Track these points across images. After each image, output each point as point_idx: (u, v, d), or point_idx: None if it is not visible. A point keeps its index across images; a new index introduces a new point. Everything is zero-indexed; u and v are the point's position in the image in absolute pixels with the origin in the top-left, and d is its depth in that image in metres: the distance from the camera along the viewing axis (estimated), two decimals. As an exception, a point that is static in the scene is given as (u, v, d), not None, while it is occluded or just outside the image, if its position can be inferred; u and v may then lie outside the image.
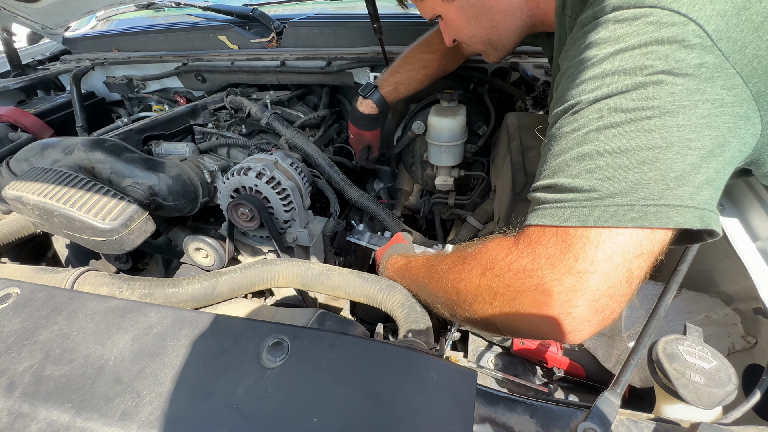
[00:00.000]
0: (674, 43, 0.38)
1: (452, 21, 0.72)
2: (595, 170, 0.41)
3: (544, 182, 0.46)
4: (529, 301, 0.44)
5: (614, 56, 0.41)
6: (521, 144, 0.90)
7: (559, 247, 0.43)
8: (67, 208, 0.76)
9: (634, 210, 0.40)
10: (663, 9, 0.38)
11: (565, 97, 0.45)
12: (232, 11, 1.49)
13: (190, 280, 0.65)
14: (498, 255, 0.48)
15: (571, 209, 0.42)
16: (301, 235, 1.00)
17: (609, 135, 0.41)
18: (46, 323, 0.51)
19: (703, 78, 0.38)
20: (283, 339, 0.45)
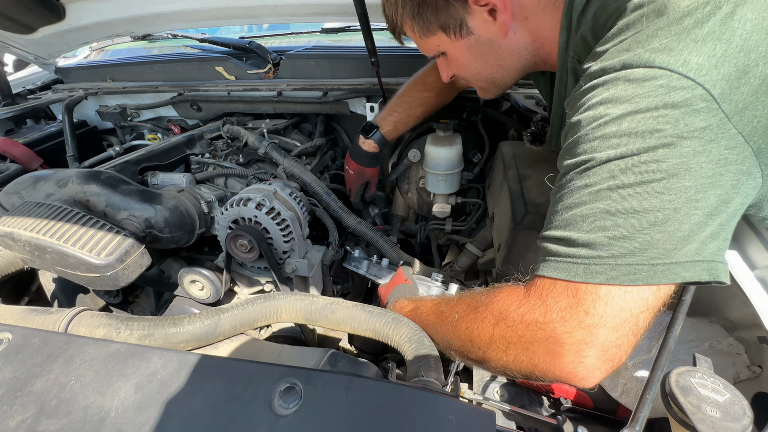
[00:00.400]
0: (683, 107, 0.40)
1: (457, 58, 0.71)
2: (607, 229, 0.43)
3: (556, 233, 0.48)
4: (542, 351, 0.47)
5: (627, 117, 0.42)
6: (518, 173, 0.92)
7: (570, 301, 0.45)
8: (60, 244, 0.74)
9: (645, 269, 0.42)
10: (672, 72, 0.41)
11: (576, 150, 0.47)
12: (229, 43, 1.52)
13: (191, 318, 0.63)
14: (510, 306, 0.50)
15: (583, 266, 0.45)
16: (300, 265, 0.99)
17: (621, 195, 0.43)
18: (41, 371, 0.48)
19: (708, 140, 0.41)
20: (295, 383, 0.44)
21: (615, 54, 0.46)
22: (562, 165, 0.50)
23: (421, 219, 1.49)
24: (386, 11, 0.71)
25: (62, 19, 1.36)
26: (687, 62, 0.41)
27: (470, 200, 1.26)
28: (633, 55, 0.43)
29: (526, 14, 0.61)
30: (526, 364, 0.49)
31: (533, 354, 0.48)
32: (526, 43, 0.65)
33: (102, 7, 1.31)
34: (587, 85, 0.48)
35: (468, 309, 0.56)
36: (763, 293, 0.53)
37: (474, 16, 0.62)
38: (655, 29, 0.43)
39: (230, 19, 1.31)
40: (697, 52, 0.41)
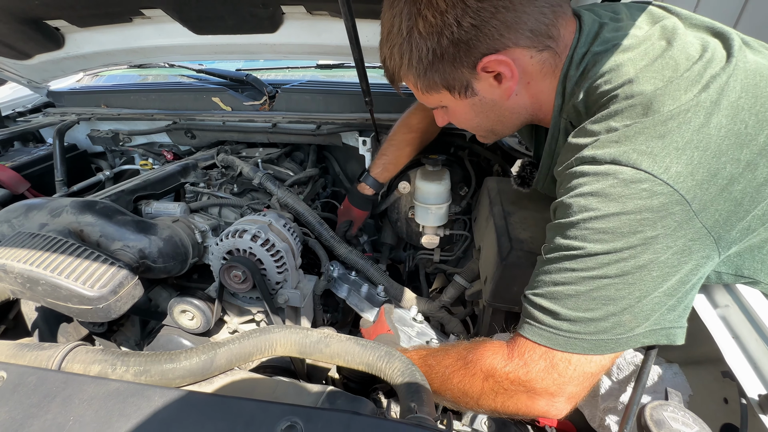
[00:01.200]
0: (661, 211, 0.48)
1: (459, 113, 0.73)
2: (587, 311, 0.53)
3: (543, 303, 0.56)
4: (524, 398, 0.59)
5: (614, 217, 0.50)
6: (503, 209, 0.98)
7: (547, 364, 0.56)
8: (54, 276, 0.74)
9: (612, 342, 0.53)
10: (655, 178, 0.48)
11: (568, 234, 0.54)
12: (226, 75, 1.57)
13: (187, 353, 0.64)
14: (497, 364, 0.60)
15: (564, 338, 0.55)
16: (292, 295, 1.00)
17: (601, 284, 0.52)
18: (38, 411, 0.48)
19: (678, 236, 0.49)
20: (296, 422, 0.45)
21: (606, 143, 0.52)
22: (553, 240, 0.57)
23: (410, 247, 1.53)
24: (387, 64, 0.70)
25: (60, 48, 1.39)
26: (668, 169, 0.48)
27: (457, 232, 1.31)
28: (622, 152, 0.50)
29: (528, 79, 0.64)
30: (511, 407, 0.61)
31: (517, 401, 0.60)
32: (526, 104, 0.68)
33: (102, 38, 1.35)
34: (578, 168, 0.54)
35: (457, 365, 0.65)
36: (724, 330, 0.58)
37: (480, 81, 0.64)
38: (642, 127, 0.50)
39: (229, 55, 1.36)
40: (677, 161, 0.48)
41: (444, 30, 0.58)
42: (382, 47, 0.69)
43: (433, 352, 0.70)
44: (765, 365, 0.53)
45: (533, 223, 0.91)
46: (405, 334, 1.02)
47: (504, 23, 0.57)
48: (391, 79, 0.73)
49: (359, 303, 1.13)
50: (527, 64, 0.61)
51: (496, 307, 0.90)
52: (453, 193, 1.25)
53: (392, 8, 0.63)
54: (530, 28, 0.58)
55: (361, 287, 1.17)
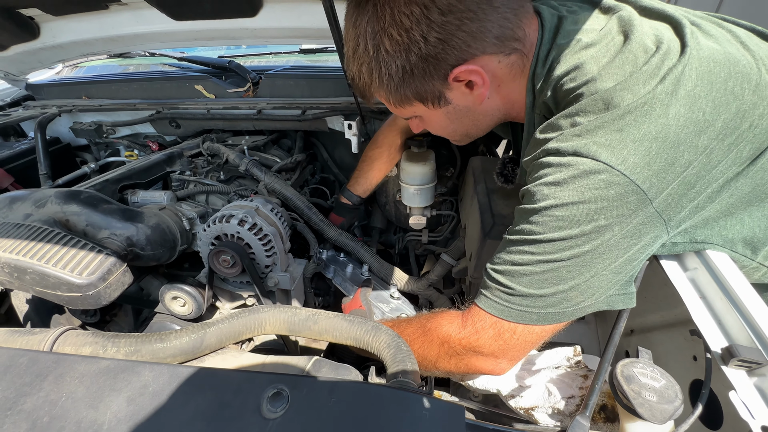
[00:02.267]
0: (617, 201, 0.51)
1: (434, 121, 0.75)
2: (539, 288, 0.58)
3: (500, 279, 0.61)
4: (473, 360, 0.66)
5: (572, 206, 0.53)
6: (486, 187, 0.99)
7: (495, 333, 0.63)
8: (41, 265, 0.75)
9: (559, 315, 0.59)
10: (613, 169, 0.50)
11: (530, 219, 0.58)
12: (208, 62, 1.55)
13: (177, 333, 0.65)
14: (451, 331, 0.67)
15: (516, 311, 0.60)
16: (282, 278, 1.02)
17: (555, 266, 0.56)
18: (31, 390, 0.49)
19: (630, 222, 0.53)
20: (282, 389, 0.47)
21: (569, 137, 0.54)
22: (518, 222, 0.61)
23: (399, 230, 1.55)
24: (356, 82, 0.69)
25: (36, 38, 1.36)
26: (625, 161, 0.50)
27: (444, 212, 1.33)
28: (583, 144, 0.52)
29: (498, 83, 0.65)
30: (462, 368, 0.69)
31: (468, 362, 0.67)
32: (498, 105, 0.70)
33: (78, 26, 1.32)
34: (544, 159, 0.57)
35: (417, 333, 0.72)
36: (693, 291, 0.61)
37: (452, 90, 0.65)
38: (602, 121, 0.52)
39: (210, 41, 1.34)
40: (635, 152, 0.50)
41: (411, 47, 0.59)
42: (350, 65, 0.68)
43: (398, 323, 0.77)
44: (728, 321, 0.56)
45: (516, 200, 0.93)
46: (379, 310, 1.05)
47: (470, 34, 0.57)
48: (362, 96, 0.72)
49: (343, 283, 1.16)
50: (496, 68, 0.63)
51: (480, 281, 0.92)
52: (439, 173, 1.26)
53: (355, 27, 0.62)
54: (495, 35, 0.59)
55: (346, 267, 1.19)
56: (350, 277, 1.20)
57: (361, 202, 1.31)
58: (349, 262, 1.23)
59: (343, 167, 1.63)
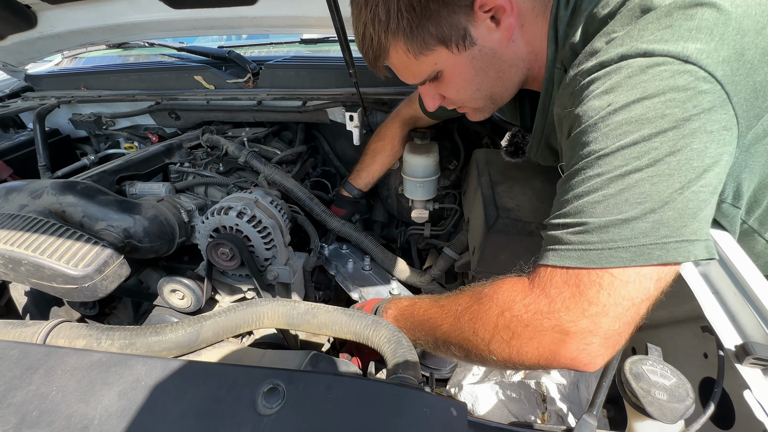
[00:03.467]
0: (689, 90, 0.41)
1: (458, 75, 0.65)
2: (620, 213, 0.44)
3: (566, 220, 0.48)
4: (547, 340, 0.48)
5: (635, 104, 0.43)
6: (490, 179, 0.97)
7: (573, 291, 0.46)
8: (36, 256, 0.73)
9: (658, 248, 0.43)
10: (674, 58, 0.42)
11: (586, 140, 0.47)
12: (208, 52, 1.52)
13: (173, 326, 0.64)
14: (515, 296, 0.51)
15: (596, 251, 0.45)
16: (282, 272, 1.00)
17: (633, 180, 0.44)
18: (21, 383, 0.48)
19: (713, 120, 0.42)
20: (278, 384, 0.45)
21: (610, 50, 0.47)
22: (572, 156, 0.50)
23: (401, 224, 1.53)
24: (367, 34, 0.62)
25: (33, 27, 1.34)
26: (686, 48, 0.42)
27: (447, 206, 1.30)
28: (629, 48, 0.44)
29: (522, 21, 0.60)
30: (531, 354, 0.49)
31: (538, 343, 0.49)
32: (522, 54, 0.64)
33: (76, 15, 1.30)
34: (585, 80, 0.49)
35: (471, 300, 0.56)
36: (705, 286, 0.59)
37: (478, 25, 0.59)
38: (645, 24, 0.45)
39: (209, 30, 1.31)
40: (695, 39, 0.42)
41: None
42: (359, 22, 0.62)
43: (447, 294, 0.64)
44: (742, 317, 0.53)
45: (520, 192, 0.91)
46: None
47: None
48: (375, 56, 0.65)
49: (344, 281, 1.14)
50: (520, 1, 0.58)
51: (484, 275, 0.90)
52: (442, 166, 1.24)
53: None
54: None
55: (347, 263, 1.18)
56: (352, 273, 1.18)
57: (362, 196, 1.30)
58: (351, 256, 1.21)
59: (344, 160, 1.61)
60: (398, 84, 1.32)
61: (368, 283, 1.14)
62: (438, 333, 0.60)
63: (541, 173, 0.99)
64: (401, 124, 1.19)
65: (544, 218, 0.82)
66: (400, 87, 1.30)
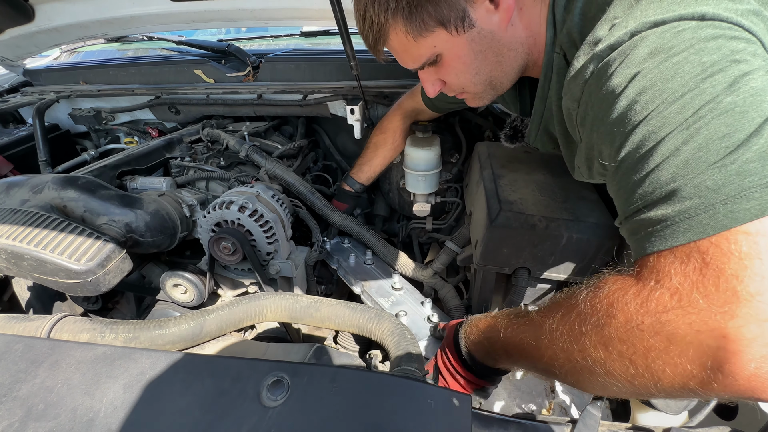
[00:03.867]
0: (719, 38, 0.37)
1: (456, 58, 0.64)
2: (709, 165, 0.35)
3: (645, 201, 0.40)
4: (694, 350, 0.34)
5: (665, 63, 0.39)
6: (493, 172, 0.96)
7: (706, 269, 0.34)
8: (38, 251, 0.73)
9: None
10: (690, 19, 0.38)
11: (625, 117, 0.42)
12: (208, 46, 1.51)
13: (176, 320, 0.64)
14: (623, 295, 0.40)
15: (708, 213, 0.35)
16: (284, 266, 1.00)
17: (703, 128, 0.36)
18: (26, 377, 0.48)
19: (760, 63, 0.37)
20: (282, 377, 0.46)
21: (615, 32, 0.44)
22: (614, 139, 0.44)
23: (403, 218, 1.53)
24: (367, 16, 0.62)
25: (31, 21, 1.32)
26: (698, 8, 0.38)
27: (449, 199, 1.30)
28: (638, 24, 0.41)
29: (521, 5, 0.60)
30: (670, 375, 0.36)
31: (680, 356, 0.35)
32: (521, 38, 0.63)
33: (74, 8, 1.28)
34: (598, 66, 0.45)
35: (566, 309, 0.46)
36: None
37: (476, 6, 0.58)
38: (648, 2, 0.42)
39: (208, 22, 1.30)
40: (704, 4, 0.38)
41: None
42: (359, 2, 0.62)
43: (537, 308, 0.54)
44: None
45: (523, 185, 0.91)
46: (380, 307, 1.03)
47: None
48: (375, 40, 0.65)
49: (346, 275, 1.14)
50: None
51: (486, 269, 0.90)
52: (444, 159, 1.23)
53: None
54: None
55: (348, 257, 1.18)
56: (353, 267, 1.18)
57: (363, 190, 1.29)
58: (352, 250, 1.21)
59: (345, 154, 1.60)
60: (399, 77, 1.31)
61: (370, 277, 1.14)
62: (535, 358, 0.50)
63: (543, 166, 0.98)
64: (403, 117, 1.19)
65: (547, 211, 0.83)
66: (402, 80, 1.29)
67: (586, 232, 0.79)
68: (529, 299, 0.95)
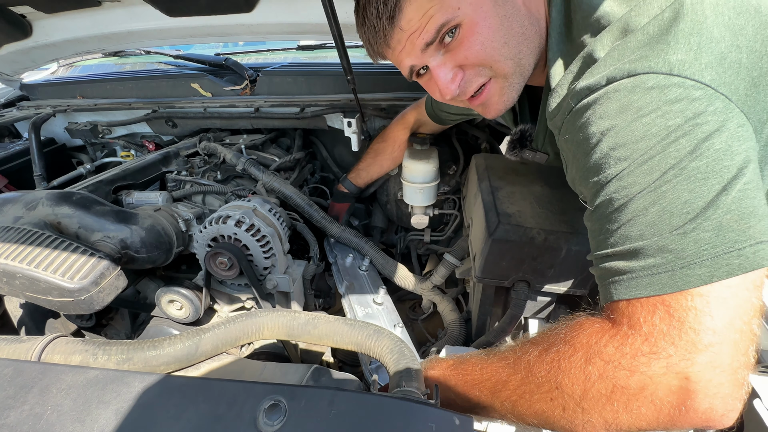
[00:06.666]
0: (682, 100, 0.41)
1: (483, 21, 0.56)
2: (673, 228, 0.40)
3: (618, 249, 0.44)
4: (663, 389, 0.39)
5: (635, 123, 0.43)
6: (491, 184, 0.96)
7: (670, 320, 0.40)
8: (31, 269, 0.72)
9: (734, 256, 0.38)
10: (658, 74, 0.42)
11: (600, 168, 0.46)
12: (205, 60, 1.52)
13: (171, 340, 0.63)
14: (600, 339, 0.44)
15: (667, 273, 0.40)
16: (281, 281, 0.99)
17: (668, 192, 0.41)
18: (15, 403, 0.47)
19: (722, 119, 0.40)
20: (279, 400, 0.44)
21: (595, 72, 0.47)
22: (590, 185, 0.48)
23: (401, 230, 1.52)
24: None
25: (28, 36, 1.33)
26: (668, 61, 0.42)
27: (447, 211, 1.30)
28: (614, 70, 0.45)
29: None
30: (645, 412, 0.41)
31: (652, 395, 0.40)
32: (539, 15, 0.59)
33: (71, 24, 1.29)
34: (577, 105, 0.49)
35: (542, 348, 0.48)
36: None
37: None
38: (625, 44, 0.46)
39: (205, 37, 1.31)
40: (673, 51, 0.42)
41: None
42: None
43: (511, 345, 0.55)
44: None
45: (521, 197, 0.90)
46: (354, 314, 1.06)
47: None
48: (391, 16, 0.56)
49: (337, 272, 1.15)
50: None
51: (486, 282, 0.90)
52: (441, 172, 1.23)
53: None
54: None
55: (346, 257, 1.18)
56: (347, 268, 1.19)
57: (358, 192, 1.33)
58: (353, 252, 1.23)
59: (342, 166, 1.60)
60: (396, 89, 1.32)
61: (358, 283, 1.14)
62: (504, 393, 0.51)
63: (540, 178, 0.98)
64: (405, 128, 1.20)
65: (545, 223, 0.83)
66: (399, 93, 1.30)
67: (585, 245, 0.79)
68: (530, 312, 0.94)
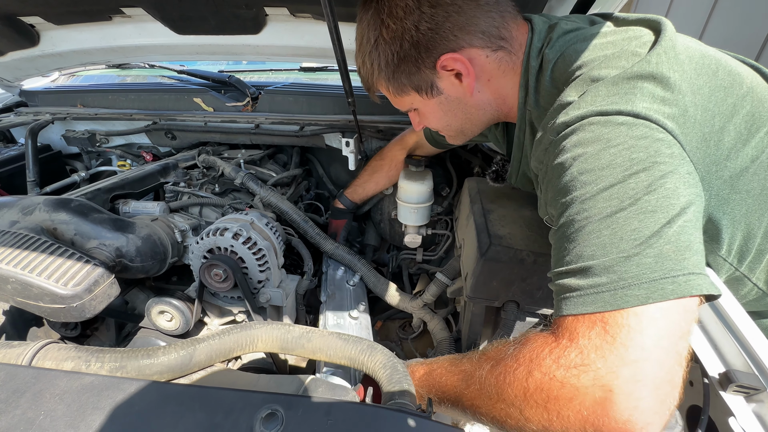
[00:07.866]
0: (647, 138, 0.47)
1: (429, 113, 0.77)
2: (620, 252, 0.45)
3: (570, 268, 0.49)
4: (590, 400, 0.42)
5: (603, 152, 0.48)
6: (482, 207, 1.00)
7: (604, 336, 0.43)
8: (25, 274, 0.72)
9: (669, 282, 0.43)
10: (627, 115, 0.48)
11: (567, 190, 0.51)
12: (208, 76, 1.56)
13: (165, 349, 0.63)
14: (541, 352, 0.47)
15: (610, 292, 0.44)
16: (274, 294, 0.99)
17: (621, 218, 0.46)
18: (6, 407, 0.46)
19: (676, 164, 0.47)
20: (277, 409, 0.45)
21: (570, 112, 0.54)
22: (557, 206, 0.54)
23: (393, 249, 1.54)
24: (361, 73, 0.76)
25: (35, 45, 1.35)
26: (635, 107, 0.49)
27: (439, 232, 1.33)
28: (585, 110, 0.52)
29: (488, 77, 0.68)
30: (573, 419, 0.43)
31: (580, 405, 0.43)
32: (489, 100, 0.72)
33: (79, 36, 1.32)
34: (555, 137, 0.56)
35: (494, 362, 0.52)
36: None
37: (443, 79, 0.69)
38: (596, 91, 0.53)
39: (211, 55, 1.35)
40: (640, 99, 0.49)
41: (404, 35, 0.65)
42: (357, 58, 0.75)
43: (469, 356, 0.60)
44: (724, 346, 0.56)
45: (511, 220, 0.94)
46: None
47: (456, 26, 0.63)
48: (367, 87, 0.78)
49: (324, 281, 1.16)
50: (484, 62, 0.67)
51: (477, 301, 0.92)
52: (435, 193, 1.27)
53: (361, 22, 0.70)
54: (481, 30, 0.64)
55: (338, 268, 1.19)
56: (336, 280, 1.20)
57: (354, 208, 1.36)
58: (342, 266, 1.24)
59: (338, 184, 1.63)
60: (394, 113, 1.37)
61: (341, 296, 1.14)
62: (465, 402, 0.56)
63: (530, 203, 1.03)
64: (403, 149, 1.26)
65: (534, 246, 0.86)
66: (396, 116, 1.35)
67: (572, 268, 0.82)
68: (519, 333, 0.96)
